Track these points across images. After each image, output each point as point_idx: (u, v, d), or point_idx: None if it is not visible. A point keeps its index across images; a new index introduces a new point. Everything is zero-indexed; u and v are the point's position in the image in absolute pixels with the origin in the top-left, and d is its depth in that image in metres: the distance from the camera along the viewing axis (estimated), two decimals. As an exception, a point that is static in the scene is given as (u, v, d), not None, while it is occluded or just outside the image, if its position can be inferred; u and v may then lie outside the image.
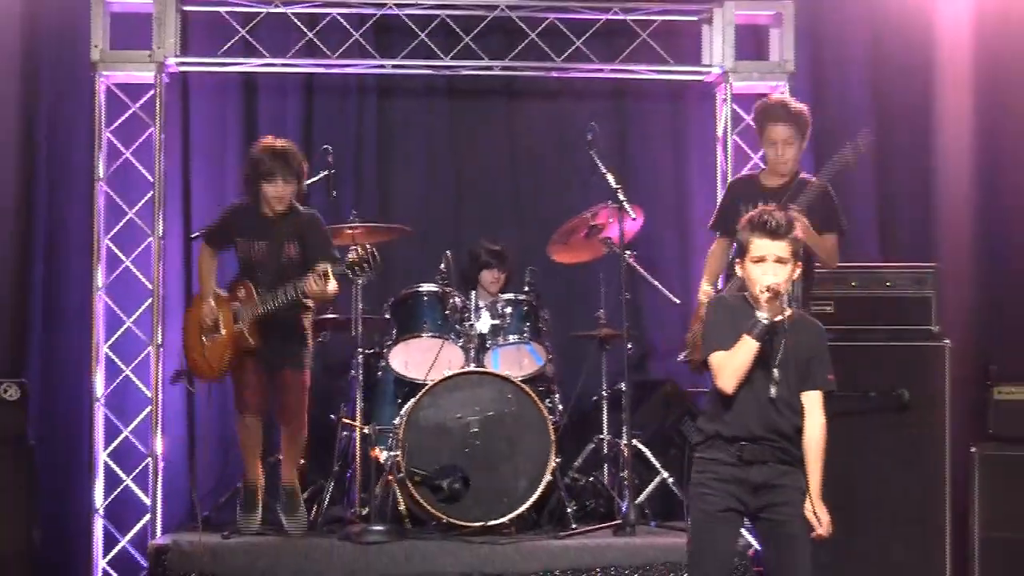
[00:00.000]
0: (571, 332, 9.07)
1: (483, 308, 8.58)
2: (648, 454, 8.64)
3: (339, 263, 7.65)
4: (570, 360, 9.14)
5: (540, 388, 8.49)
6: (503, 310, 8.60)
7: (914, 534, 8.37)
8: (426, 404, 8.08)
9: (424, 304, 8.60)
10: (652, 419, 9.02)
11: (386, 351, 8.60)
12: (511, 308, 8.63)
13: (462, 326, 8.51)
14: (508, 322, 8.59)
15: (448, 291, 8.57)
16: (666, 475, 8.61)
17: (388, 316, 8.65)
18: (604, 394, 8.79)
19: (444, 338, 8.49)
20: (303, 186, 8.08)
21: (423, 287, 8.62)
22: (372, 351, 8.65)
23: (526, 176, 9.85)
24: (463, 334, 8.49)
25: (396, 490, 8.01)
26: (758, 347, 5.65)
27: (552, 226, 8.89)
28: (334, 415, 8.60)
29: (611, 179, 8.30)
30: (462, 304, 8.56)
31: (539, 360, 8.62)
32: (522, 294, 8.71)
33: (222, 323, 7.96)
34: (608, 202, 8.41)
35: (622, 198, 8.27)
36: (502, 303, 8.63)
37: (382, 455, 8.03)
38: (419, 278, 8.72)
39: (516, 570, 7.66)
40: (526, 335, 8.62)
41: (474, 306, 8.57)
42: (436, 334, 8.51)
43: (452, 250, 8.72)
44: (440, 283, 8.59)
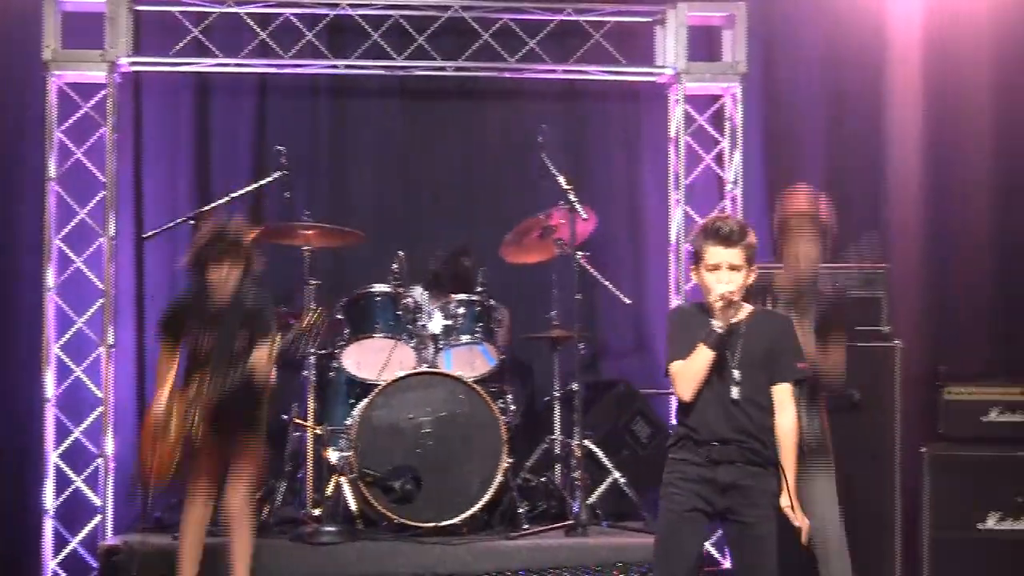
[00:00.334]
0: (523, 333, 9.07)
1: (436, 309, 8.58)
2: (600, 454, 8.65)
3: (283, 338, 7.03)
4: (523, 360, 9.16)
5: (492, 388, 8.49)
6: (455, 311, 8.60)
7: (865, 534, 8.40)
8: (378, 404, 8.09)
9: (377, 305, 8.61)
10: (604, 419, 9.01)
11: (339, 351, 8.59)
12: (464, 309, 8.62)
13: (414, 326, 8.52)
14: (460, 323, 8.59)
15: (401, 291, 8.56)
16: (618, 475, 8.62)
17: (340, 317, 8.64)
18: (556, 394, 8.79)
19: (397, 339, 8.49)
20: (253, 267, 7.24)
21: (376, 288, 8.62)
22: (325, 352, 8.63)
23: (480, 177, 9.86)
24: (416, 334, 8.50)
25: (348, 491, 8.01)
26: (714, 355, 5.74)
27: (506, 227, 8.92)
28: (286, 415, 8.56)
29: (562, 180, 8.32)
30: (415, 304, 8.56)
31: (491, 361, 8.63)
32: (475, 295, 8.71)
33: (174, 425, 7.12)
34: (561, 203, 8.43)
35: (573, 199, 8.30)
36: (454, 304, 8.63)
37: (334, 456, 8.04)
38: (372, 279, 8.69)
39: (468, 571, 7.70)
40: (478, 336, 8.62)
41: (427, 307, 8.57)
42: (389, 335, 8.52)
43: (405, 251, 8.70)
44: (393, 283, 8.58)
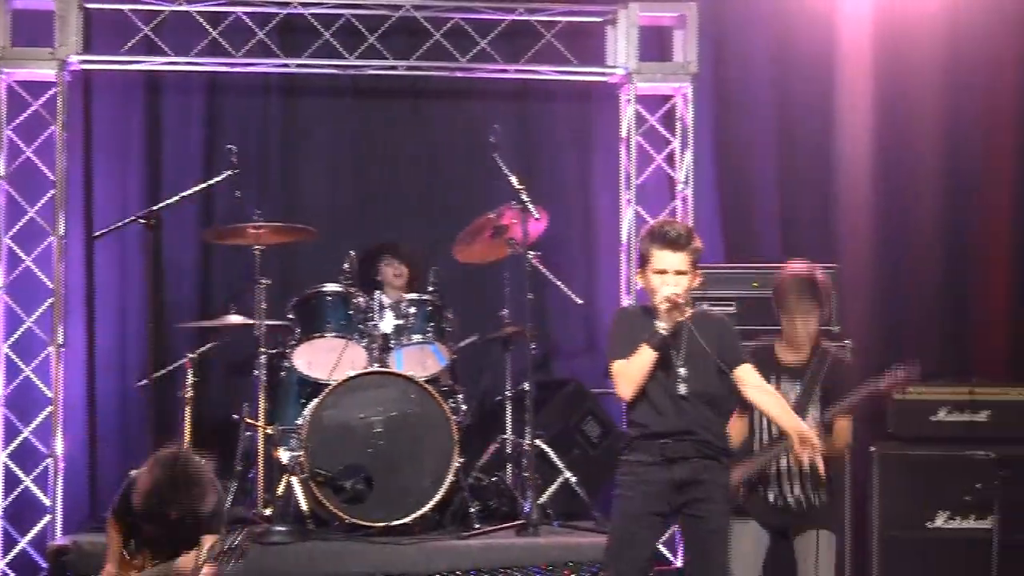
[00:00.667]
0: (474, 333, 9.02)
1: (387, 308, 8.56)
2: (551, 454, 8.66)
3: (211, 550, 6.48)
4: (474, 360, 9.16)
5: (443, 388, 8.50)
6: (407, 310, 8.58)
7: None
8: (329, 404, 8.08)
9: (328, 304, 8.58)
10: (555, 419, 9.02)
11: (290, 351, 8.57)
12: (415, 308, 8.61)
13: (366, 326, 8.50)
14: (412, 322, 8.57)
15: (352, 291, 8.55)
16: (569, 475, 8.64)
17: (291, 316, 8.61)
18: (508, 394, 8.80)
19: (348, 338, 8.46)
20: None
21: (327, 287, 8.59)
22: (276, 351, 8.60)
23: (431, 176, 9.84)
24: (367, 334, 8.49)
25: (299, 490, 8.00)
26: (656, 355, 5.83)
27: (458, 226, 8.90)
28: (236, 415, 8.54)
29: (514, 180, 8.34)
30: (366, 304, 8.55)
31: (442, 360, 8.62)
32: (426, 294, 8.69)
33: None
34: (512, 203, 8.44)
35: (525, 199, 8.31)
36: (406, 303, 8.61)
37: (285, 455, 8.02)
38: (323, 278, 8.67)
39: (419, 570, 7.71)
40: (430, 335, 8.61)
41: (378, 306, 8.56)
42: (340, 334, 8.49)
43: (356, 250, 8.70)
44: (344, 283, 8.56)
